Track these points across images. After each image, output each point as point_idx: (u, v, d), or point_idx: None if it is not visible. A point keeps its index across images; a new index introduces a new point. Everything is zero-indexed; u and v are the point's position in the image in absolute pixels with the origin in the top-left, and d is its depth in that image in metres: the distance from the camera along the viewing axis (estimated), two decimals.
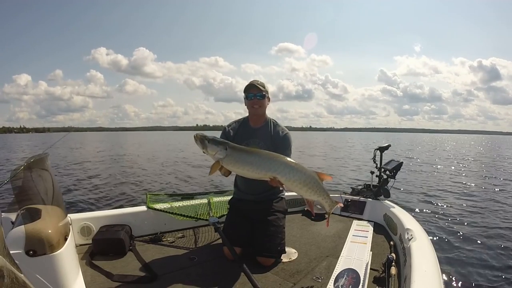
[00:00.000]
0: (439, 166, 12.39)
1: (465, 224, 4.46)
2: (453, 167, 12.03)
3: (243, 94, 2.05)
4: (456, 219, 4.68)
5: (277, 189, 2.07)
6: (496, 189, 7.32)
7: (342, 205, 1.74)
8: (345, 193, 2.98)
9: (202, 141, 1.58)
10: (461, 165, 13.11)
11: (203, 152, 1.61)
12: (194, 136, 1.61)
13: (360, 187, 2.98)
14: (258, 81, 2.01)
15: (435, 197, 6.30)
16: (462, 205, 5.65)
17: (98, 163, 13.63)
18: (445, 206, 5.55)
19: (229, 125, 2.12)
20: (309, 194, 1.57)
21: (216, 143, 1.59)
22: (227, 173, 1.77)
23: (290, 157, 1.84)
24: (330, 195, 1.60)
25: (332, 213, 2.94)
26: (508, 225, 4.40)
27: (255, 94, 1.97)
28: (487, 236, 3.93)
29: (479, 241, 3.73)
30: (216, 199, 2.62)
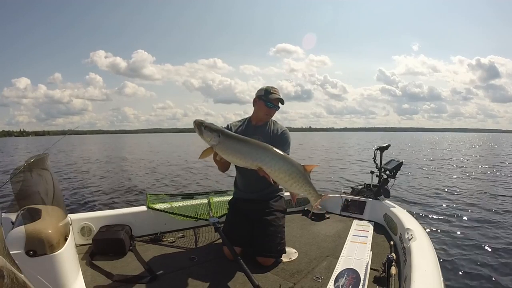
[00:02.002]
0: (439, 166, 12.39)
1: (466, 223, 4.46)
2: (453, 166, 12.03)
3: (257, 94, 2.03)
4: (457, 219, 4.68)
5: (276, 187, 2.08)
6: (496, 188, 7.32)
7: (328, 196, 1.70)
8: (345, 193, 2.98)
9: (199, 127, 1.61)
10: (461, 164, 13.12)
11: (200, 137, 1.63)
12: (194, 122, 1.63)
13: (360, 187, 2.98)
14: (278, 90, 2.02)
15: (435, 197, 6.30)
16: (463, 204, 5.64)
17: (98, 164, 13.65)
18: (445, 205, 5.55)
19: (231, 123, 2.14)
20: (294, 187, 1.56)
21: (211, 130, 1.60)
22: (221, 165, 1.81)
23: (288, 153, 1.85)
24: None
25: (332, 213, 2.93)
26: (509, 224, 4.40)
27: (275, 105, 2.01)
28: (488, 235, 3.93)
29: (479, 241, 3.73)
30: (216, 199, 2.62)
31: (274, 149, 1.59)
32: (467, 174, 9.89)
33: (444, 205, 5.57)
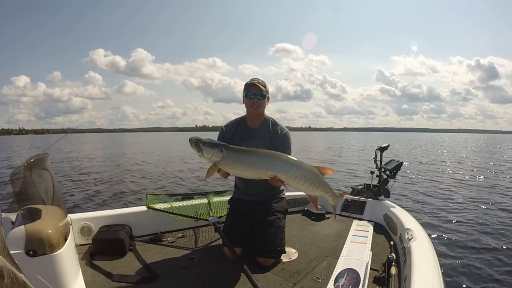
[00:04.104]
0: (439, 166, 12.38)
1: (466, 223, 4.46)
2: (453, 166, 12.03)
3: (242, 92, 1.98)
4: (457, 219, 4.68)
5: (277, 189, 2.05)
6: (496, 188, 7.32)
7: (345, 195, 1.72)
8: (345, 193, 2.98)
9: (197, 144, 1.54)
10: (461, 164, 13.11)
11: (199, 155, 1.57)
12: (189, 140, 1.57)
13: (360, 187, 2.97)
14: (259, 79, 1.93)
15: (435, 197, 6.30)
16: (463, 204, 5.64)
17: (98, 163, 13.65)
18: (445, 205, 5.55)
19: (226, 126, 2.04)
20: (312, 190, 1.56)
21: (212, 146, 1.54)
22: (226, 175, 1.75)
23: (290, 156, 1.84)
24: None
25: (332, 213, 2.93)
26: (509, 224, 4.40)
27: (255, 93, 1.89)
28: (488, 235, 3.93)
29: (479, 241, 3.73)
30: (216, 199, 2.61)
31: (286, 155, 1.58)
32: (468, 175, 9.89)
33: (444, 205, 5.56)
